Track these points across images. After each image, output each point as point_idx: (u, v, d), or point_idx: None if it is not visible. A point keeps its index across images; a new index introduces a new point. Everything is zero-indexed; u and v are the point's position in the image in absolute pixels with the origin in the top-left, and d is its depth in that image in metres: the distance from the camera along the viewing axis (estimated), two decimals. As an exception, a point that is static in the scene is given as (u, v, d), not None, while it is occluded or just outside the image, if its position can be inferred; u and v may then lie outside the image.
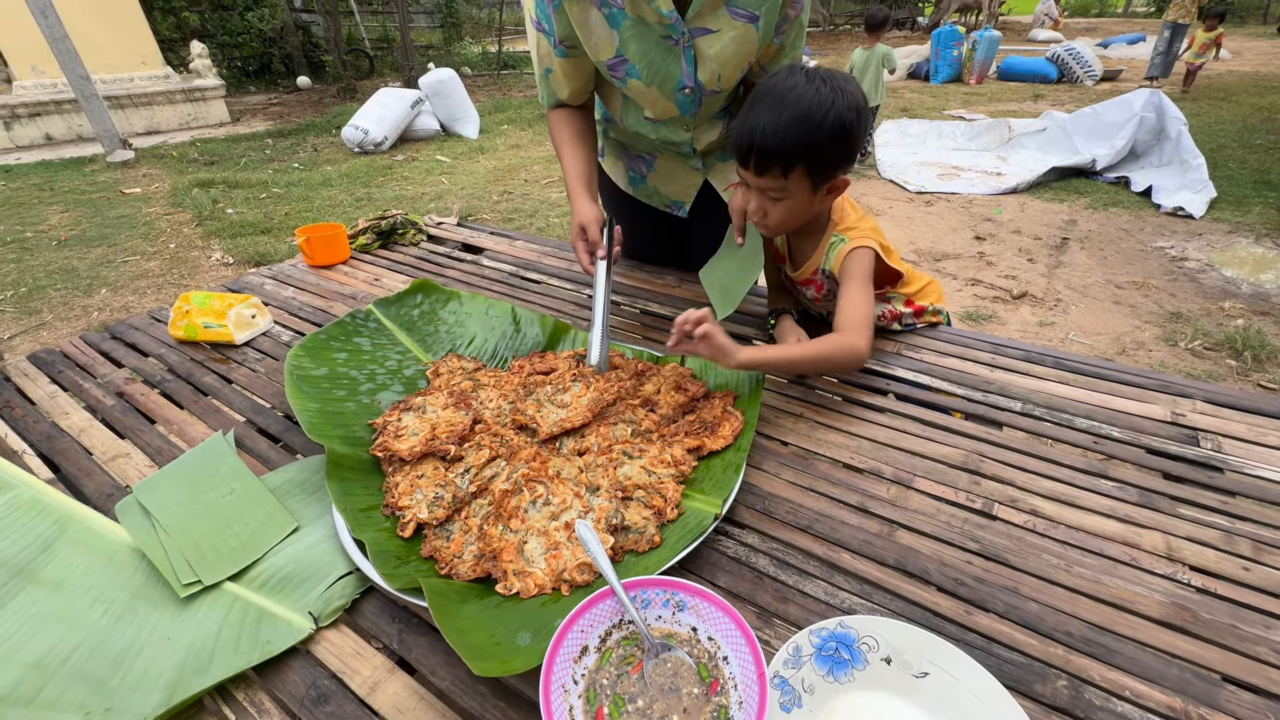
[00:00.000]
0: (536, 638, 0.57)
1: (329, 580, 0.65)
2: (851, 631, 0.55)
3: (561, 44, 1.02)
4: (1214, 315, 2.90)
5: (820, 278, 1.04)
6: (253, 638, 0.59)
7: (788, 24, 1.01)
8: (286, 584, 0.65)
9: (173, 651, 0.59)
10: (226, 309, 1.13)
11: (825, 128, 0.82)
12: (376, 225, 1.60)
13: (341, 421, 0.85)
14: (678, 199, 1.35)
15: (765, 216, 0.94)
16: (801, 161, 0.85)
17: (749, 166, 0.88)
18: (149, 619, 0.62)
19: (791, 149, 0.84)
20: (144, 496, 0.75)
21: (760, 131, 0.84)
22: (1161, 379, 0.98)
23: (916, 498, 0.76)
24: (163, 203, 4.86)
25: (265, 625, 0.61)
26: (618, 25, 0.97)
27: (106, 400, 0.99)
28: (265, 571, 0.67)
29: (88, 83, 5.70)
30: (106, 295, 3.35)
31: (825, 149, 0.85)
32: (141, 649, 0.59)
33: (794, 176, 0.87)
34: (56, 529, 0.71)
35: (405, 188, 5.18)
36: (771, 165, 0.86)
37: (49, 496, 0.76)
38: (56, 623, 0.61)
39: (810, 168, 0.87)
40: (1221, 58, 8.44)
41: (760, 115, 0.84)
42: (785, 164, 0.85)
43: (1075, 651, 0.58)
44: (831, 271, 0.99)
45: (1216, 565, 0.66)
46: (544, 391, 0.91)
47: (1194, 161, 4.43)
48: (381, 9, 13.47)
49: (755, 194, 0.93)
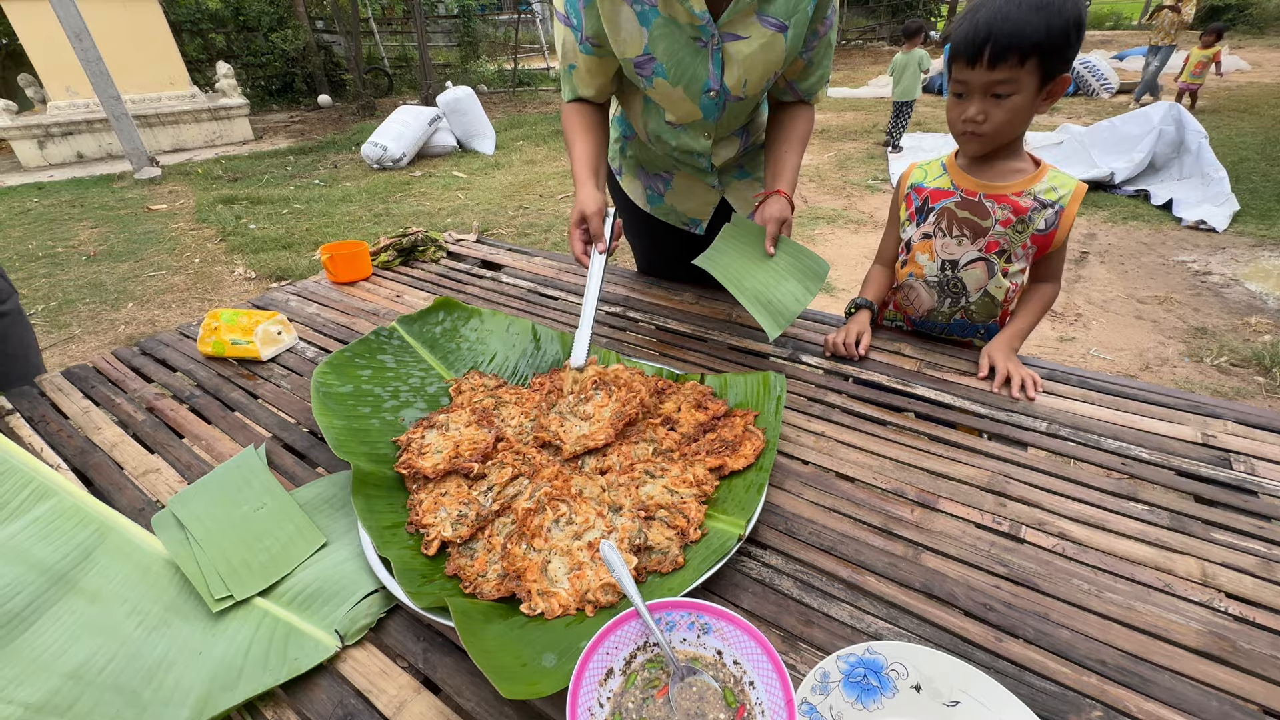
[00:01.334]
0: (562, 659, 0.57)
1: (355, 598, 0.65)
2: (880, 658, 0.55)
3: (589, 40, 1.03)
4: (1240, 331, 2.85)
5: (1029, 200, 1.02)
6: (280, 654, 0.60)
7: (816, 40, 1.04)
8: (314, 600, 0.66)
9: (203, 666, 0.60)
10: (253, 326, 1.15)
11: (1065, 14, 0.85)
12: (397, 242, 1.63)
13: (366, 439, 0.86)
14: (695, 216, 1.36)
15: (984, 121, 0.95)
16: (1039, 50, 0.87)
17: (981, 59, 0.89)
18: (181, 632, 0.63)
19: (1032, 34, 0.85)
20: (179, 509, 0.77)
21: (998, 19, 0.86)
22: (1191, 399, 0.96)
23: (941, 519, 0.75)
24: (188, 218, 4.99)
25: (293, 642, 0.61)
26: (648, 23, 0.99)
27: (138, 415, 1.02)
28: (294, 587, 0.68)
29: (118, 103, 5.89)
30: (133, 309, 3.43)
31: (1062, 38, 0.87)
32: (173, 663, 0.60)
33: (1028, 68, 0.88)
34: (96, 538, 0.73)
35: (423, 203, 5.27)
36: (1009, 53, 0.87)
37: (89, 505, 0.78)
38: (93, 633, 0.63)
39: (1044, 57, 0.88)
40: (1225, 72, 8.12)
41: (994, 5, 0.88)
42: (1024, 52, 0.87)
43: (1110, 681, 0.56)
44: (1060, 205, 1.01)
45: (1254, 593, 0.65)
46: (566, 402, 0.92)
47: (1215, 174, 4.37)
48: (400, 29, 13.79)
49: (976, 97, 0.94)
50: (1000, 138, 0.98)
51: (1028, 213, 1.02)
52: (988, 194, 1.04)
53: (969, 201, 1.06)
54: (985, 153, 1.03)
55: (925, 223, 1.11)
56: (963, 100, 0.96)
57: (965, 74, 0.93)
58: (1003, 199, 1.03)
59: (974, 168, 1.07)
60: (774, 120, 1.19)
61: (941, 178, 1.10)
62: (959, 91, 0.96)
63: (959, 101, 0.97)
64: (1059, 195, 1.01)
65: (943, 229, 1.08)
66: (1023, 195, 1.02)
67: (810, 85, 1.13)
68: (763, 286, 1.02)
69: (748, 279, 1.03)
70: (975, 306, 1.12)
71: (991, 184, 1.04)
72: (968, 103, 0.95)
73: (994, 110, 0.94)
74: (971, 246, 1.07)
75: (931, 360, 1.09)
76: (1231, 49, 12.41)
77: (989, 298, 1.10)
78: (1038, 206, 1.02)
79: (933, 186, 1.10)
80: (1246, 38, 15.83)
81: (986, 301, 1.11)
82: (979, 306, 1.12)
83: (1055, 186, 1.02)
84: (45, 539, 0.72)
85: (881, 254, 1.22)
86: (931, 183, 1.11)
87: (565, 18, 1.04)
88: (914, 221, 1.13)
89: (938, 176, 1.10)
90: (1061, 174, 1.03)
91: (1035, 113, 0.96)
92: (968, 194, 1.06)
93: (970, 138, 0.98)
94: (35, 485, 0.78)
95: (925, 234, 1.11)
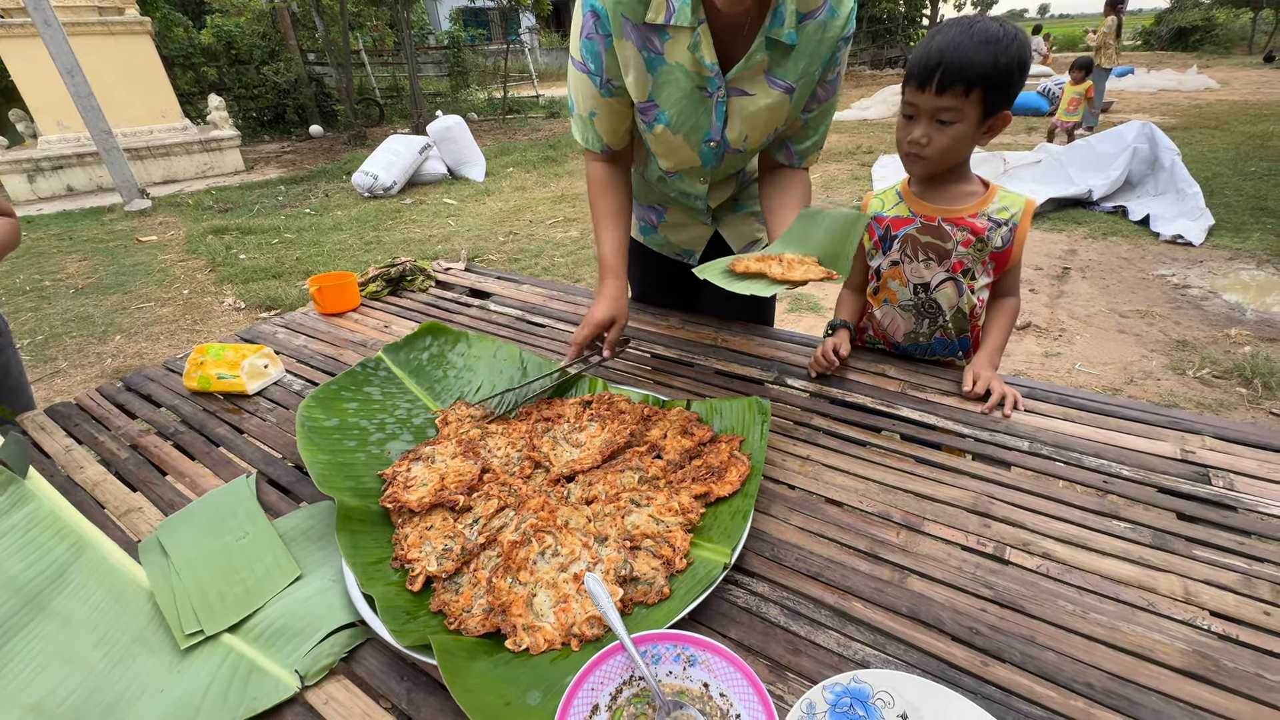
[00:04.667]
0: (546, 696, 0.56)
1: (320, 635, 0.64)
2: (866, 687, 0.55)
3: (609, 83, 1.02)
4: (1220, 343, 2.89)
5: (984, 221, 1.06)
6: (240, 693, 0.59)
7: (816, 103, 1.05)
8: (280, 636, 0.65)
9: (163, 705, 0.59)
10: (240, 359, 1.15)
11: (1011, 53, 0.91)
12: (386, 273, 1.64)
13: (352, 473, 0.85)
14: (688, 248, 1.37)
15: (928, 145, 0.99)
16: (984, 82, 0.91)
17: (930, 84, 0.93)
18: (146, 666, 0.63)
19: (978, 67, 0.90)
20: (165, 536, 0.77)
21: (950, 49, 0.91)
22: (1169, 414, 0.98)
23: (927, 542, 0.76)
24: (178, 250, 4.99)
25: (254, 681, 0.60)
26: (654, 70, 0.99)
27: (121, 453, 1.01)
28: (262, 622, 0.67)
29: (109, 136, 5.93)
30: (121, 342, 3.41)
31: (1005, 75, 0.92)
32: (135, 699, 0.59)
33: (972, 98, 0.93)
34: (72, 554, 0.73)
35: (413, 230, 5.30)
36: (956, 82, 0.92)
37: (66, 513, 0.77)
38: (60, 662, 0.62)
39: (988, 91, 0.92)
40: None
41: (948, 36, 0.92)
42: (970, 82, 0.91)
43: (1097, 704, 0.56)
44: (1013, 222, 1.06)
45: (1237, 610, 0.65)
46: (560, 430, 0.93)
47: (1189, 190, 4.48)
48: (391, 60, 14.03)
49: (923, 120, 0.98)
50: (941, 162, 1.02)
51: (984, 233, 1.06)
52: (945, 218, 1.09)
53: (929, 227, 1.10)
54: (927, 175, 1.08)
55: (891, 250, 1.14)
56: (911, 122, 1.01)
57: (916, 97, 0.97)
58: (960, 222, 1.08)
59: (928, 193, 1.11)
60: (769, 185, 1.16)
61: (899, 205, 1.14)
62: (909, 114, 1.01)
63: (908, 123, 1.02)
64: (1011, 213, 1.06)
65: (909, 255, 1.12)
66: (977, 217, 1.07)
67: (804, 148, 1.12)
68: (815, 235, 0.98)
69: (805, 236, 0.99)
70: (951, 324, 1.15)
71: (947, 208, 1.09)
72: (915, 125, 1.00)
73: (937, 135, 0.98)
74: (939, 268, 1.10)
75: (915, 381, 1.10)
76: (1200, 69, 12.83)
77: (960, 314, 1.13)
78: (993, 226, 1.06)
79: (891, 215, 1.14)
80: (1214, 57, 16.37)
81: (959, 317, 1.14)
82: (954, 322, 1.15)
83: (1006, 205, 1.07)
84: (20, 551, 0.71)
85: (850, 280, 1.25)
86: (890, 211, 1.14)
87: (582, 64, 1.02)
88: (879, 250, 1.16)
89: (895, 205, 1.14)
90: (1010, 193, 1.08)
91: (976, 144, 1.01)
92: (926, 219, 1.10)
93: (914, 159, 1.03)
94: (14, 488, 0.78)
95: (893, 261, 1.14)
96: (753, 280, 0.90)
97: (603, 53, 0.99)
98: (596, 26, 0.96)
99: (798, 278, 0.88)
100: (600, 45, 0.98)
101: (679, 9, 0.92)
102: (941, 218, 1.09)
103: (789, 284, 0.88)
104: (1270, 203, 4.69)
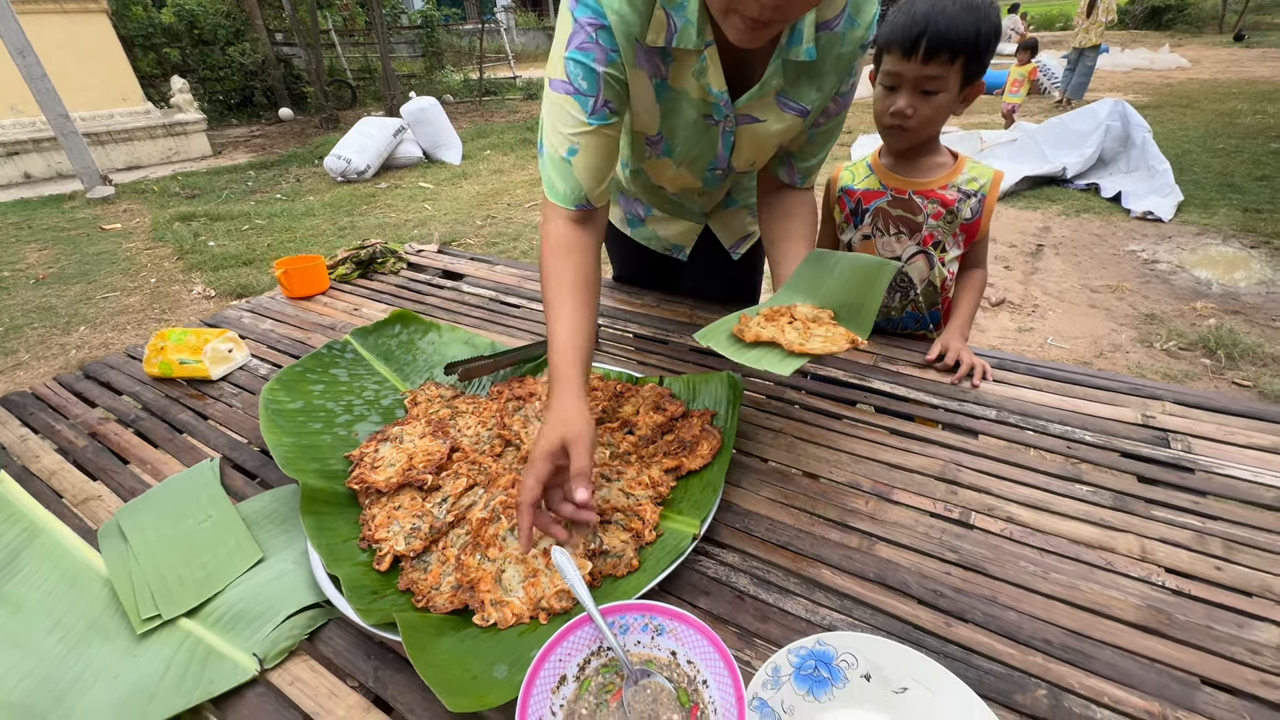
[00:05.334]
0: (513, 669, 0.56)
1: (281, 617, 0.63)
2: (830, 649, 0.55)
3: (605, 106, 0.78)
4: (1187, 316, 2.96)
5: (954, 193, 1.07)
6: (197, 677, 0.58)
7: (826, 118, 0.91)
8: (239, 620, 0.64)
9: (117, 691, 0.58)
10: (202, 344, 1.12)
11: (991, 20, 0.92)
12: (356, 255, 1.60)
13: (318, 455, 0.84)
14: (677, 243, 1.27)
15: (912, 116, 0.98)
16: (966, 50, 0.92)
17: (916, 52, 0.92)
18: (100, 653, 0.61)
19: (961, 34, 0.90)
20: (125, 521, 0.75)
21: (935, 15, 0.90)
22: (1132, 382, 1.00)
23: (895, 510, 0.77)
24: (143, 237, 4.83)
25: (211, 664, 0.60)
26: (661, 97, 0.86)
27: (79, 441, 0.98)
28: (222, 606, 0.66)
29: (67, 121, 5.69)
30: (86, 332, 3.31)
31: (985, 42, 0.93)
32: (89, 686, 0.58)
33: (956, 66, 0.93)
34: (25, 538, 0.71)
35: (389, 215, 5.19)
36: (941, 49, 0.91)
37: (19, 500, 0.75)
38: (11, 649, 0.61)
39: (969, 58, 0.93)
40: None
41: (930, 1, 0.91)
42: (955, 49, 0.91)
43: (1054, 659, 0.58)
44: (981, 193, 1.07)
45: (1190, 566, 0.67)
46: (531, 408, 0.92)
47: (1160, 167, 4.55)
48: (363, 40, 13.62)
49: (906, 91, 0.97)
50: (923, 133, 1.02)
51: (954, 204, 1.07)
52: (916, 191, 1.09)
53: (900, 200, 1.10)
54: (908, 147, 1.07)
55: (863, 224, 1.14)
56: (893, 93, 0.99)
57: (899, 65, 0.96)
58: (930, 194, 1.08)
59: (899, 166, 1.11)
60: (771, 210, 1.01)
61: (869, 178, 1.13)
62: (891, 84, 0.99)
63: (888, 94, 1.00)
64: (979, 184, 1.07)
65: (880, 228, 1.12)
66: (947, 189, 1.07)
67: (809, 165, 0.98)
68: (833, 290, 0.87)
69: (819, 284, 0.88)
70: (922, 297, 1.15)
71: (917, 181, 1.09)
72: (897, 95, 0.99)
73: (921, 105, 0.98)
74: (910, 242, 1.10)
75: (887, 354, 1.11)
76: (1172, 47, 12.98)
77: (931, 286, 1.14)
78: (962, 197, 1.07)
79: (862, 188, 1.13)
80: (1186, 36, 16.56)
81: (930, 290, 1.15)
82: (925, 295, 1.15)
83: (975, 177, 1.08)
84: None
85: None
86: (860, 184, 1.14)
87: (568, 84, 0.77)
88: (851, 224, 1.16)
89: (865, 177, 1.14)
90: (979, 165, 1.09)
91: (957, 112, 1.01)
92: (897, 193, 1.10)
93: (897, 131, 1.02)
94: None
95: (865, 235, 1.14)
96: (765, 351, 0.78)
97: (602, 68, 0.76)
98: (599, 37, 0.75)
99: (817, 349, 0.75)
100: (600, 58, 0.76)
101: (681, 29, 0.76)
102: (912, 190, 1.09)
103: (808, 357, 0.75)
104: (1236, 179, 4.79)
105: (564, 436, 0.65)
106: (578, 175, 0.80)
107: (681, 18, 0.75)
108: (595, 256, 0.83)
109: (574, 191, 0.81)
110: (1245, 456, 0.82)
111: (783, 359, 0.75)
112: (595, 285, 0.81)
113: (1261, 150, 5.53)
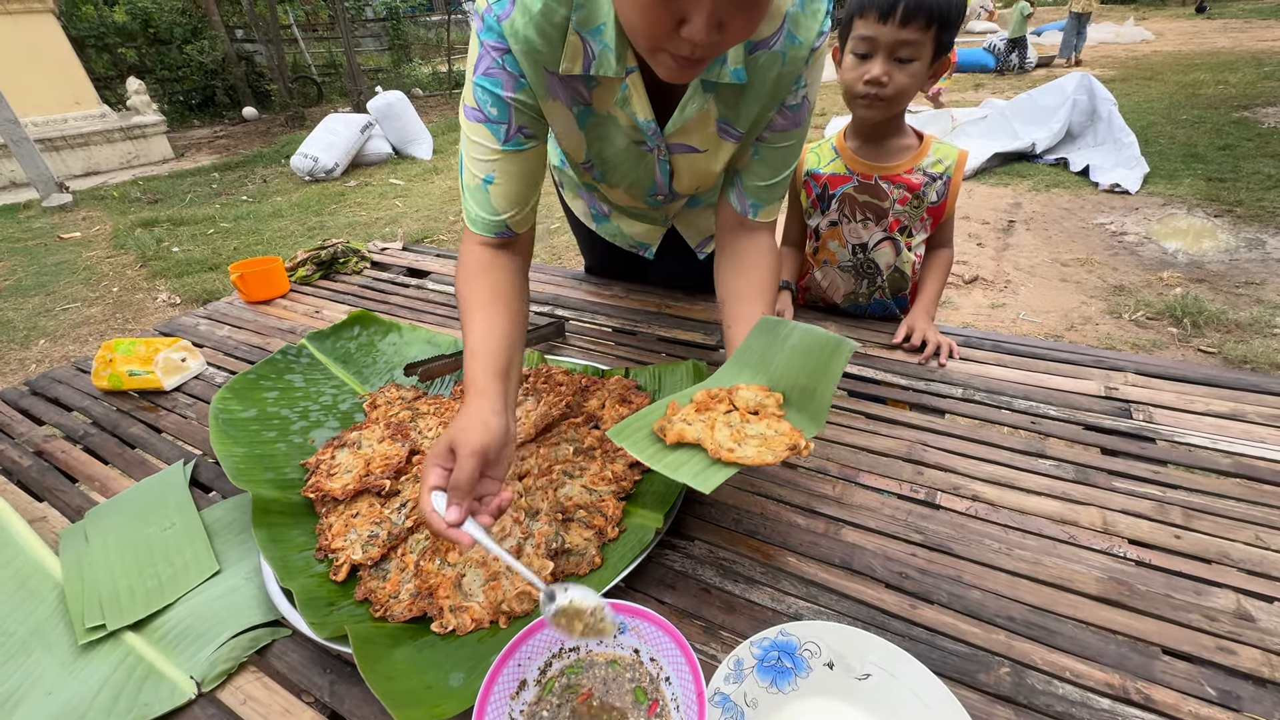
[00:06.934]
0: (470, 676, 0.54)
1: (224, 637, 0.61)
2: (793, 639, 0.55)
3: (520, 132, 0.74)
4: (1154, 286, 3.01)
5: (920, 176, 1.06)
6: (132, 699, 0.56)
7: (772, 131, 0.81)
8: (185, 638, 0.62)
9: (48, 706, 0.56)
10: (153, 354, 1.08)
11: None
12: (316, 255, 1.56)
13: (272, 464, 0.81)
14: (643, 241, 1.23)
15: (887, 84, 0.95)
16: (940, 18, 0.90)
17: (893, 15, 0.90)
18: (39, 665, 0.59)
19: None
20: (92, 524, 0.74)
21: None
22: (1095, 354, 1.00)
23: (861, 493, 0.76)
24: (104, 245, 4.69)
25: (149, 685, 0.57)
26: (584, 124, 0.80)
27: (23, 461, 0.94)
28: (169, 621, 0.64)
29: (17, 126, 5.48)
30: (45, 346, 3.21)
31: (958, 12, 0.92)
32: (20, 701, 0.56)
33: (930, 34, 0.91)
34: None
35: (359, 214, 5.09)
36: (918, 14, 0.89)
37: None
38: None
39: (942, 27, 0.91)
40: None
41: None
42: (930, 15, 0.89)
43: (1017, 636, 0.58)
44: (947, 175, 1.06)
45: (1150, 536, 0.67)
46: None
47: (1126, 139, 4.61)
48: (327, 35, 13.29)
49: (881, 57, 0.94)
50: (896, 105, 0.99)
51: (920, 188, 1.06)
52: (882, 176, 1.07)
53: (866, 185, 1.08)
54: (878, 120, 1.03)
55: (830, 210, 1.12)
56: (866, 60, 0.96)
57: (875, 30, 0.92)
58: (896, 179, 1.06)
59: (865, 150, 1.09)
60: (724, 254, 0.89)
61: (835, 161, 1.11)
62: (864, 51, 0.95)
63: (861, 62, 0.96)
64: (945, 166, 1.06)
65: (846, 215, 1.11)
66: (913, 172, 1.06)
67: (757, 186, 0.85)
68: (786, 372, 0.74)
69: (770, 364, 0.76)
70: (888, 283, 1.15)
71: (883, 165, 1.07)
72: (871, 63, 0.95)
73: (897, 74, 0.94)
74: (876, 228, 1.09)
75: (855, 335, 1.10)
76: (1136, 20, 13.13)
77: (898, 273, 1.13)
78: (929, 180, 1.06)
79: (828, 172, 1.11)
80: (1150, 9, 16.78)
81: (896, 276, 1.14)
82: (891, 282, 1.15)
83: (940, 159, 1.07)
84: None
85: (787, 236, 1.23)
86: (826, 168, 1.12)
87: (476, 111, 0.73)
88: (817, 210, 1.15)
89: (831, 160, 1.12)
90: (944, 145, 1.08)
91: (926, 85, 0.99)
92: (864, 178, 1.08)
93: (871, 101, 0.98)
94: None
95: (831, 221, 1.13)
96: (688, 455, 0.64)
97: (510, 94, 0.72)
98: (504, 63, 0.71)
99: (748, 458, 0.61)
100: (508, 84, 0.71)
101: (600, 55, 0.70)
102: (878, 175, 1.07)
103: (737, 468, 0.62)
104: (1200, 149, 4.87)
105: (452, 440, 0.59)
106: (495, 203, 0.77)
107: (599, 43, 0.69)
108: (515, 274, 0.80)
109: (493, 219, 0.77)
110: (1204, 424, 0.83)
111: (706, 468, 0.62)
112: (513, 297, 0.76)
113: (1223, 120, 5.62)
